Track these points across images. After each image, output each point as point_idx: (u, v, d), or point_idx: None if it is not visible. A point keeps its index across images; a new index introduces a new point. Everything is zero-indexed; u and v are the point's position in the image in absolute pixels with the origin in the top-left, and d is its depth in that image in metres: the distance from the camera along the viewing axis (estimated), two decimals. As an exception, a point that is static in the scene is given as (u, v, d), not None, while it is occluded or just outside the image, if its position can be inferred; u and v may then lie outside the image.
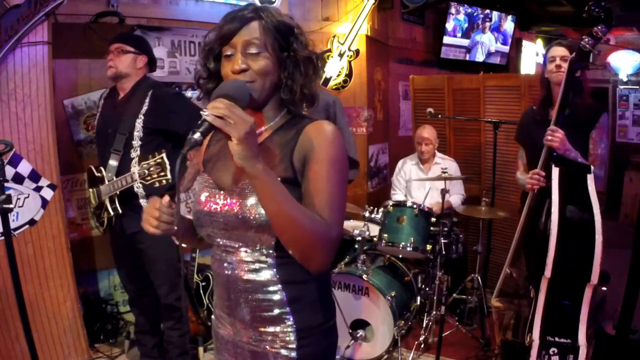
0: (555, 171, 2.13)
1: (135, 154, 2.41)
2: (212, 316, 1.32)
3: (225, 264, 1.19)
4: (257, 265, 1.15)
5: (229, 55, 1.12)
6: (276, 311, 1.15)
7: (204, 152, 1.29)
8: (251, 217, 1.10)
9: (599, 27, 2.15)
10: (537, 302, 2.10)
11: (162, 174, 2.11)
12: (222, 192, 1.17)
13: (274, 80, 1.14)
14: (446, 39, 5.40)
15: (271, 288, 1.15)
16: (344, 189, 1.14)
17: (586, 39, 2.18)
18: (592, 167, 2.17)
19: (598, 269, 1.99)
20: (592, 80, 2.69)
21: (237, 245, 1.17)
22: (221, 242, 1.19)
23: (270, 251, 1.14)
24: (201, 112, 0.96)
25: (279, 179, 1.07)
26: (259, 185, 1.00)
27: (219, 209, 1.16)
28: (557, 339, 2.06)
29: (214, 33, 1.16)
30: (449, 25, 5.37)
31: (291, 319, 1.16)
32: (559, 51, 2.48)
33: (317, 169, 1.10)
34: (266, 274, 1.15)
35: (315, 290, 1.19)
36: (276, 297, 1.15)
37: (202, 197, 1.21)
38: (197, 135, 0.96)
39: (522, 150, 2.79)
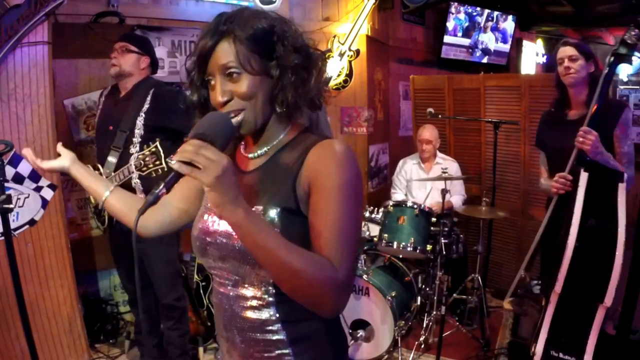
0: (583, 177, 1.96)
1: (134, 149, 2.42)
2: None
3: (223, 298, 1.09)
4: (255, 303, 1.04)
5: (210, 81, 1.02)
6: (276, 352, 1.05)
7: None
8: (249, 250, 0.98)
9: None
10: (545, 313, 2.01)
11: (157, 162, 2.11)
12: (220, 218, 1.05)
13: (267, 97, 1.02)
14: (447, 38, 5.40)
15: (271, 327, 1.04)
16: (356, 221, 0.99)
17: (632, 31, 1.97)
18: (625, 175, 1.99)
19: (613, 292, 1.85)
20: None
21: (234, 279, 1.06)
22: (218, 273, 1.09)
23: (270, 288, 1.03)
24: (167, 160, 0.86)
25: (279, 209, 0.99)
26: (243, 233, 0.89)
27: (216, 238, 1.05)
28: (561, 354, 1.96)
29: (192, 59, 1.04)
30: (450, 25, 5.37)
31: None
32: (567, 51, 2.37)
33: (322, 199, 0.96)
34: (265, 313, 1.04)
35: (321, 329, 1.08)
36: (276, 337, 1.04)
37: (200, 222, 1.11)
38: (159, 190, 0.87)
39: (543, 154, 2.64)
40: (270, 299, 1.03)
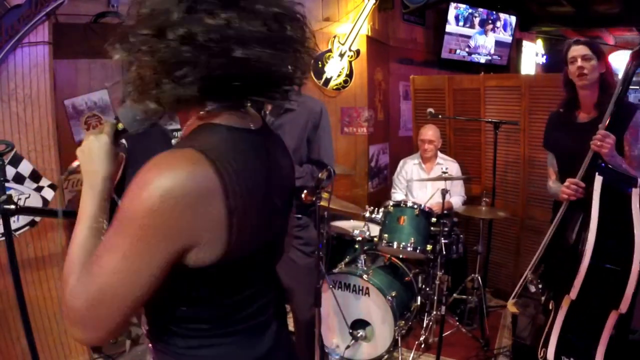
0: (597, 181, 1.91)
1: None
2: None
3: None
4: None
5: None
6: None
7: None
8: None
9: None
10: (555, 318, 1.98)
11: None
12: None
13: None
14: (448, 27, 5.33)
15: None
16: (116, 258, 0.78)
17: None
18: (638, 180, 1.93)
19: (629, 300, 1.82)
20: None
21: None
22: None
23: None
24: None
25: None
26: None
27: None
28: None
29: None
30: (451, 14, 5.31)
31: None
32: (580, 50, 2.25)
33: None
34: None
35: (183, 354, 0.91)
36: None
37: None
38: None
39: (551, 156, 2.54)
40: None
